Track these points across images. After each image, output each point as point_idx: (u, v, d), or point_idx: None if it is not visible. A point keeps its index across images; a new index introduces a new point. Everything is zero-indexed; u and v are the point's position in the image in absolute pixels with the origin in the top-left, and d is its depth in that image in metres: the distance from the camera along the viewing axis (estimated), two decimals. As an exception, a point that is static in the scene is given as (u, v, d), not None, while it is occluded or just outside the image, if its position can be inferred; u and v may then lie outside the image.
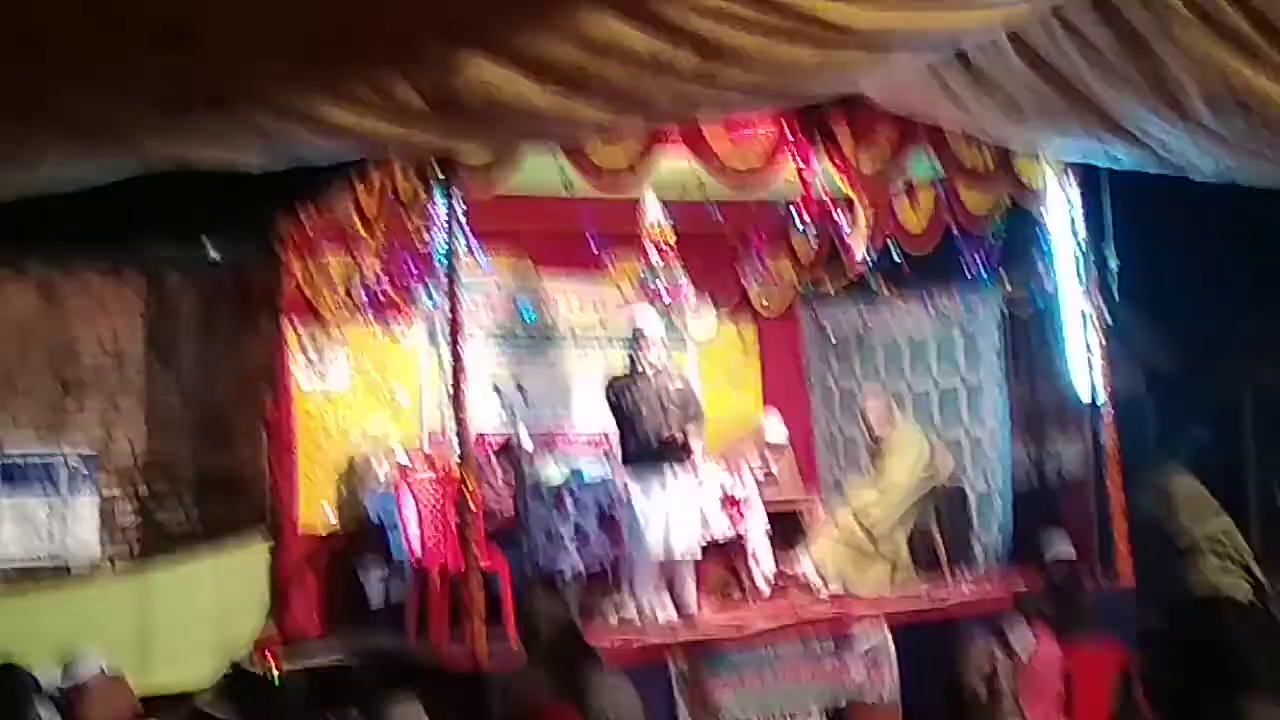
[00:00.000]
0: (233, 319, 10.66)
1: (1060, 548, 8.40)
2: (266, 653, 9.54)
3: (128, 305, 10.44)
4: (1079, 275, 9.31)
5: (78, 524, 10.12)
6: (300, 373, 10.24)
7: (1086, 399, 9.49)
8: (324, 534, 10.19)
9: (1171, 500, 6.25)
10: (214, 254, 10.57)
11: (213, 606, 9.89)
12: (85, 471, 10.14)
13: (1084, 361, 9.42)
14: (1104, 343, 9.38)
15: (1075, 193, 9.17)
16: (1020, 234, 9.63)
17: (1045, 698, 4.84)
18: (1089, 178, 8.91)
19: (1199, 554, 5.89)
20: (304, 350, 10.22)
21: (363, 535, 10.06)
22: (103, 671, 6.85)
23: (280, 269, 10.16)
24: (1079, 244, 9.25)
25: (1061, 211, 9.24)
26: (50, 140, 4.94)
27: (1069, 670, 7.70)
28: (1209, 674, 4.39)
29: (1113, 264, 8.99)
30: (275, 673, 8.81)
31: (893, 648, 8.45)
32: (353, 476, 10.26)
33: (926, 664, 7.80)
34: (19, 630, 9.04)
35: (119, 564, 10.22)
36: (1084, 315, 9.35)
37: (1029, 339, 11.68)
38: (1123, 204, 8.83)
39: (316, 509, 10.19)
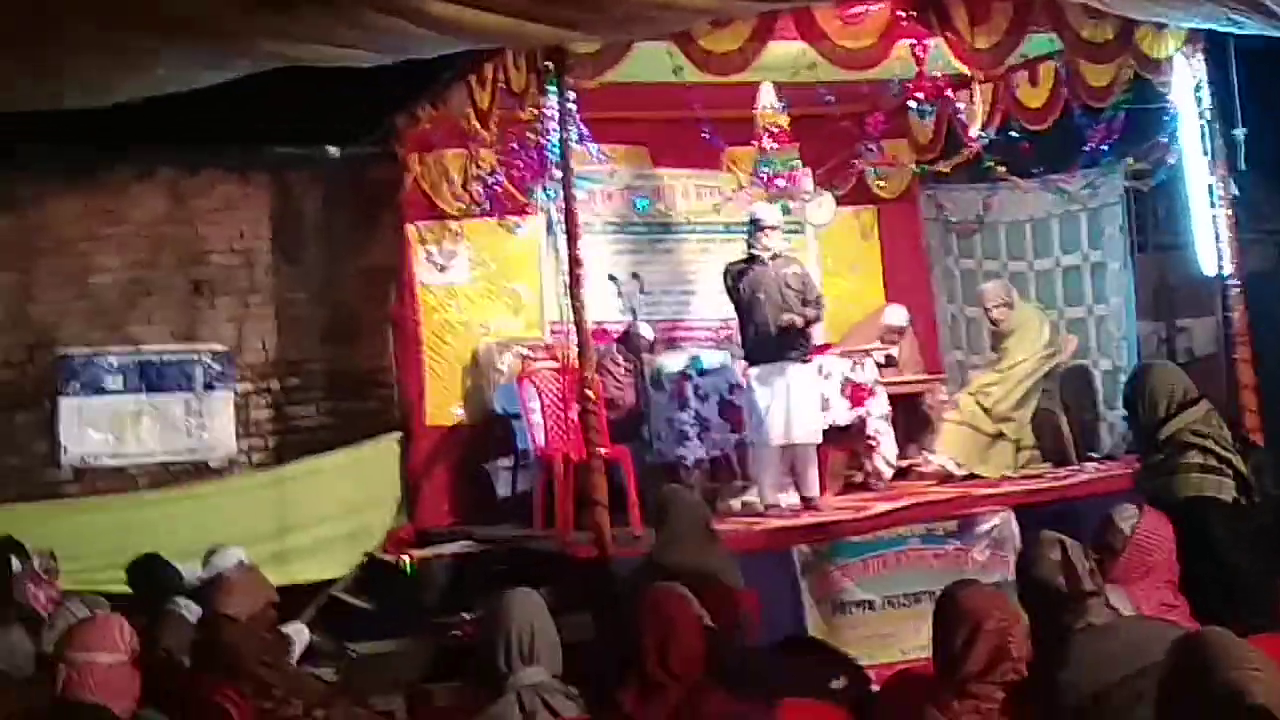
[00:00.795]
0: (355, 217, 10.81)
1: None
2: (399, 543, 9.82)
3: (254, 205, 10.64)
4: (1204, 147, 9.06)
5: (214, 421, 10.39)
6: (422, 268, 10.36)
7: (1214, 274, 9.27)
8: (451, 426, 10.37)
9: (1147, 391, 5.99)
10: (335, 152, 10.71)
11: (346, 499, 10.16)
12: (219, 369, 10.39)
13: (1211, 236, 9.19)
14: (1232, 216, 9.15)
15: (1199, 62, 8.89)
16: (1143, 107, 9.42)
17: (1152, 574, 4.80)
18: (1213, 46, 8.66)
19: (1178, 449, 5.67)
20: (425, 246, 10.34)
21: (488, 427, 10.23)
22: (241, 563, 7.09)
23: (400, 166, 10.27)
24: (1204, 115, 8.99)
25: (1185, 82, 8.99)
26: (161, 41, 5.03)
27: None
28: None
29: (1239, 135, 8.74)
30: (408, 562, 9.05)
31: (1016, 530, 8.44)
32: (477, 369, 10.40)
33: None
34: (161, 525, 9.40)
35: (255, 458, 10.50)
36: (1210, 188, 9.11)
37: (1154, 214, 11.47)
38: (1249, 72, 8.57)
39: (443, 402, 10.36)
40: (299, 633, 7.33)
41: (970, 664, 3.63)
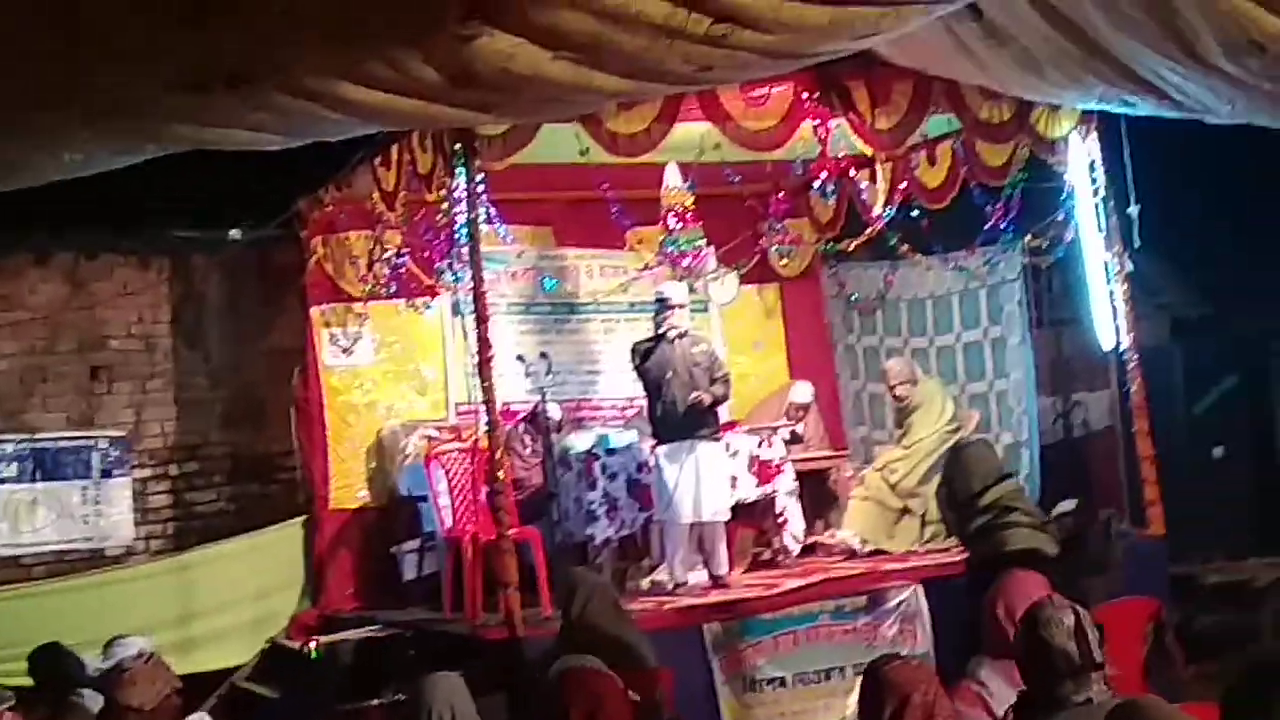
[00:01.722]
0: (257, 299, 10.74)
1: (1062, 503, 8.49)
2: (304, 629, 9.66)
3: (153, 288, 10.52)
4: (1100, 224, 9.27)
5: (111, 508, 10.23)
6: (326, 351, 10.28)
7: (1110, 348, 9.45)
8: (356, 509, 10.26)
9: (965, 466, 6.43)
10: (237, 235, 10.63)
11: (249, 585, 10.00)
12: (117, 455, 10.23)
13: (1108, 311, 9.38)
14: (1127, 291, 9.35)
15: (1093, 142, 9.13)
16: (1039, 185, 9.62)
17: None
18: (1106, 126, 8.88)
19: (1002, 512, 5.98)
20: (329, 328, 10.26)
21: (394, 509, 10.14)
22: (142, 653, 6.93)
23: (303, 248, 10.22)
24: (1098, 193, 9.22)
25: (1080, 161, 9.20)
26: (74, 123, 4.97)
27: (1099, 623, 7.75)
28: None
29: (1133, 212, 8.95)
30: (313, 648, 8.90)
31: (925, 604, 8.48)
32: (382, 452, 10.31)
33: (959, 618, 7.83)
34: (59, 615, 9.18)
35: (154, 546, 10.31)
36: (1106, 265, 9.31)
37: (1051, 290, 11.67)
38: (1141, 151, 8.79)
39: (347, 485, 10.25)
40: (202, 722, 7.16)
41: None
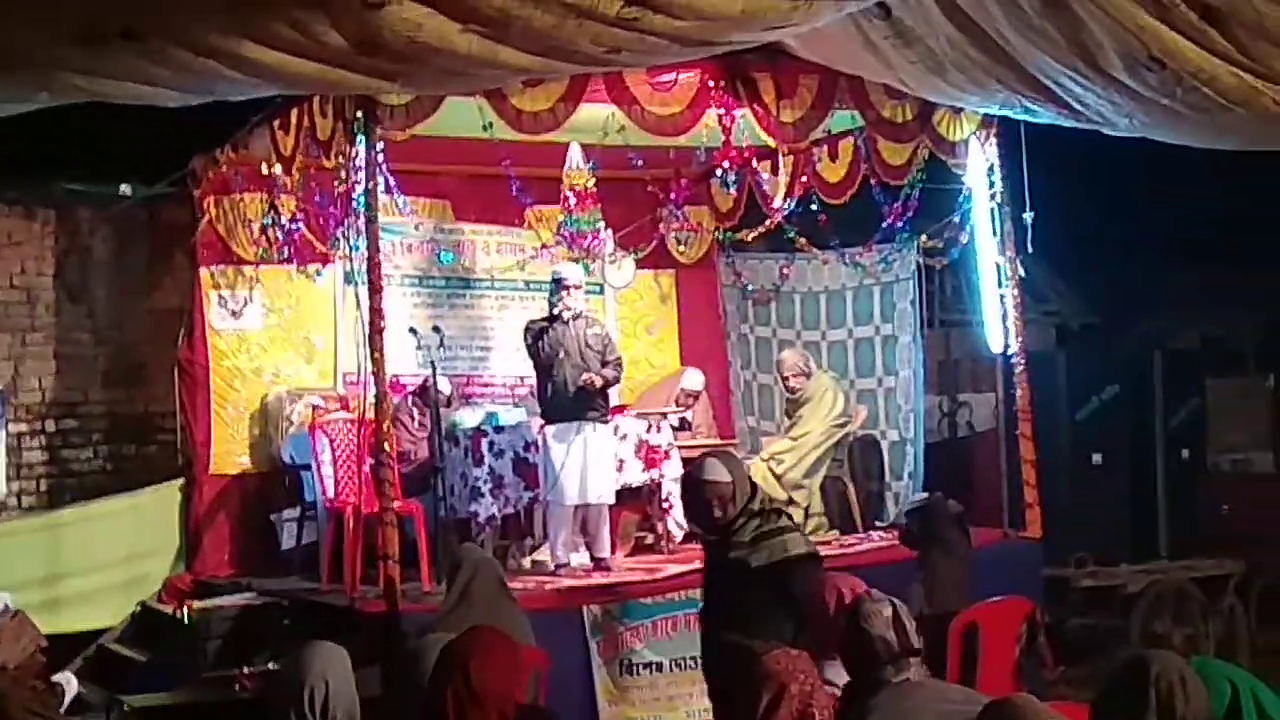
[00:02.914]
0: (145, 257, 10.58)
1: (914, 497, 8.82)
2: (177, 594, 9.52)
3: (37, 240, 10.31)
4: (994, 229, 9.39)
5: (-17, 461, 10.00)
6: (214, 313, 10.12)
7: (998, 352, 9.58)
8: (236, 475, 10.12)
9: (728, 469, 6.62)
10: (127, 191, 10.44)
11: (123, 547, 9.82)
12: (-9, 408, 10.01)
13: (997, 315, 9.50)
14: (1017, 297, 9.48)
15: (993, 147, 9.24)
16: (938, 187, 9.72)
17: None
18: (1007, 132, 8.99)
19: (772, 516, 6.12)
20: (218, 291, 10.11)
21: (276, 477, 10.02)
22: (8, 609, 6.79)
23: (195, 207, 10.05)
24: (995, 197, 9.33)
25: (979, 165, 9.31)
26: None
27: (974, 621, 7.88)
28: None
29: (1027, 218, 9.07)
30: (186, 613, 8.77)
31: (804, 595, 8.53)
32: (266, 418, 10.19)
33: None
34: (-77, 568, 8.96)
35: (26, 502, 10.12)
36: (998, 269, 9.44)
37: (944, 291, 11.82)
38: (1040, 159, 8.91)
39: (229, 450, 10.11)
40: (68, 683, 7.04)
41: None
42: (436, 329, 9.28)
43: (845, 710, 3.67)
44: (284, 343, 10.39)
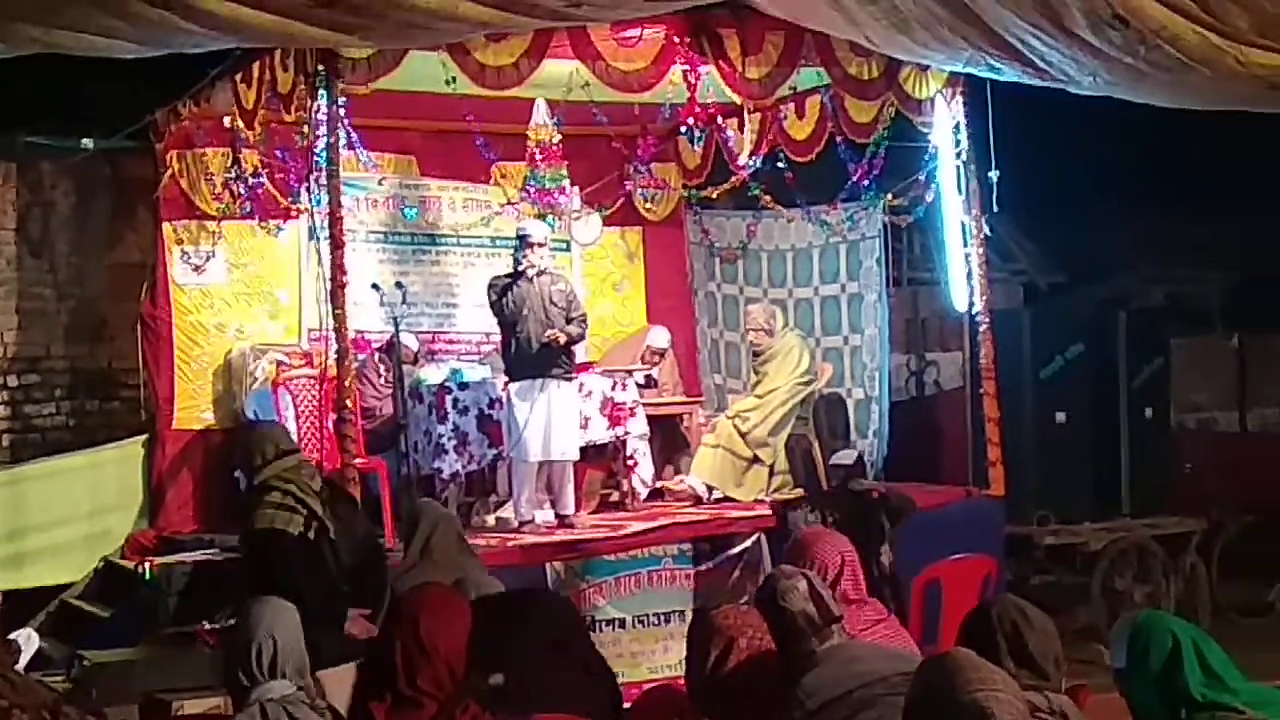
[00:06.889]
0: (108, 211, 10.50)
1: (843, 453, 8.84)
2: (139, 549, 9.48)
3: (-3, 192, 10.22)
4: (960, 187, 9.38)
5: (-56, 418, 9.94)
6: (177, 268, 10.04)
7: (964, 310, 9.59)
8: (200, 431, 10.08)
9: (249, 444, 6.82)
10: (89, 144, 10.34)
11: (85, 502, 9.78)
12: (-49, 363, 9.95)
13: (963, 273, 9.51)
14: (983, 255, 9.48)
15: (959, 105, 9.22)
16: (904, 145, 9.71)
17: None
18: (973, 90, 8.96)
19: (264, 491, 6.35)
20: (181, 245, 10.03)
21: (239, 433, 9.97)
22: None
23: (157, 161, 9.95)
24: (961, 156, 9.32)
25: (945, 123, 9.29)
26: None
27: (937, 578, 7.92)
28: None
29: (994, 177, 9.06)
30: (148, 569, 8.74)
31: (767, 552, 8.57)
32: (229, 374, 10.13)
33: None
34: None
35: (-13, 457, 10.07)
36: (964, 227, 9.43)
37: (910, 250, 11.83)
38: (1006, 118, 8.89)
39: (192, 406, 10.06)
40: (28, 639, 7.00)
41: (723, 681, 3.66)
42: (400, 285, 9.25)
43: (784, 687, 3.67)
44: (248, 298, 10.31)
